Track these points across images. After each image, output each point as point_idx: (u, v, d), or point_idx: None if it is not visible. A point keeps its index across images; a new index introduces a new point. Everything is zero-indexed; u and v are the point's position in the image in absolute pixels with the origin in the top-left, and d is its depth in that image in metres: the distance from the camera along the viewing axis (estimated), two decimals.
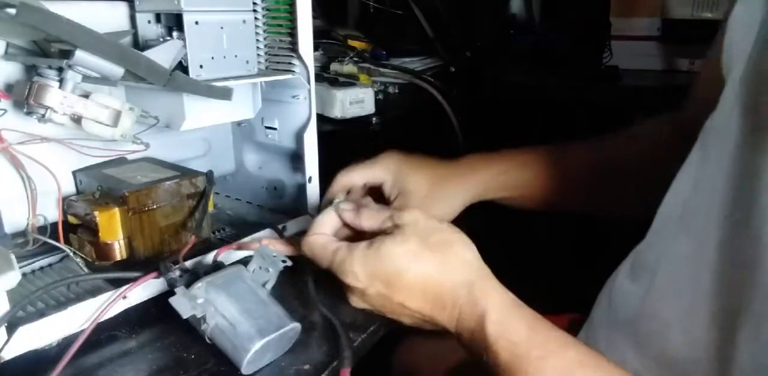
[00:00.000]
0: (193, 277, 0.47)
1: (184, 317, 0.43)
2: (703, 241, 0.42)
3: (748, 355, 0.38)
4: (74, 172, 0.57)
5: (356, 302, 0.47)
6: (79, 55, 0.45)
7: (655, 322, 0.47)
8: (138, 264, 0.53)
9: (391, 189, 0.62)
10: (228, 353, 0.44)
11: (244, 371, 0.44)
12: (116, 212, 0.51)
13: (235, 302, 0.46)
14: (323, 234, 0.49)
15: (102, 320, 0.46)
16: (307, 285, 0.54)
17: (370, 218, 0.48)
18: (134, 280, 0.48)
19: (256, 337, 0.43)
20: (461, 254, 0.45)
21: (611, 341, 0.53)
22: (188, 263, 0.52)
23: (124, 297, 0.48)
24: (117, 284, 0.49)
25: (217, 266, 0.50)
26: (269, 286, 0.50)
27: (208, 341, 0.45)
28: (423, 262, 0.43)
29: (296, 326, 0.47)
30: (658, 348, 0.46)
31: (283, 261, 0.50)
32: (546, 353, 0.39)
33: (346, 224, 0.50)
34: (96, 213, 0.50)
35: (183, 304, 0.44)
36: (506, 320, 0.41)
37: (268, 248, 0.51)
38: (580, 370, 0.39)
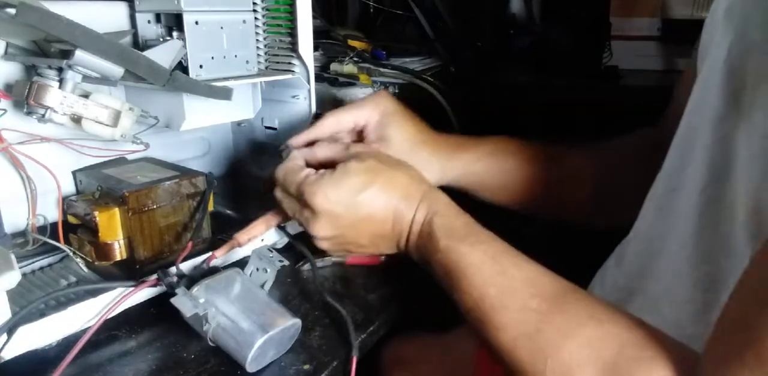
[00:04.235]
0: (190, 281, 0.47)
1: (187, 315, 0.43)
2: (684, 216, 0.45)
3: None
4: (74, 172, 0.57)
5: (321, 228, 0.49)
6: (79, 55, 0.45)
7: (644, 298, 0.49)
8: (138, 264, 0.53)
9: (372, 132, 0.58)
10: (231, 352, 0.44)
11: (248, 368, 0.44)
12: (116, 212, 0.51)
13: (235, 302, 0.46)
14: (296, 164, 0.53)
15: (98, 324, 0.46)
16: (313, 275, 0.56)
17: (325, 149, 0.54)
18: (134, 286, 0.48)
19: (258, 332, 0.44)
20: (412, 170, 0.52)
21: None
22: (187, 267, 0.52)
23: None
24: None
25: (213, 271, 0.50)
26: (267, 286, 0.50)
27: (210, 343, 0.45)
28: (384, 174, 0.50)
29: (297, 322, 0.47)
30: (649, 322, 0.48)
31: (280, 261, 0.50)
32: (478, 241, 0.46)
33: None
34: (96, 213, 0.50)
35: (185, 303, 0.44)
36: (451, 214, 0.49)
37: (264, 249, 0.51)
38: (506, 254, 0.45)
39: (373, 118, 0.58)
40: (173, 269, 0.49)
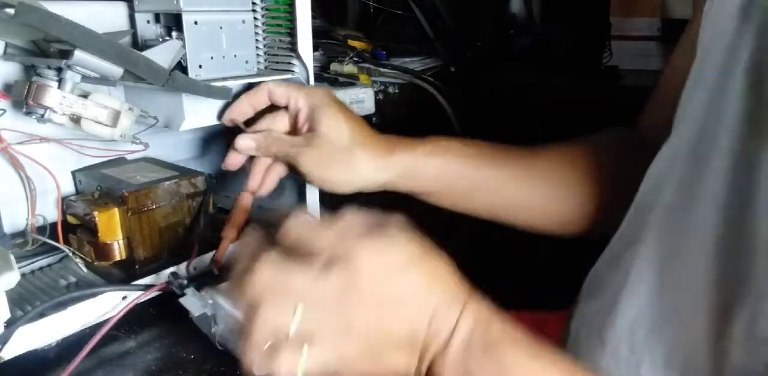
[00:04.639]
0: (198, 284, 0.47)
1: (196, 315, 0.43)
2: (700, 235, 0.43)
3: (742, 350, 0.39)
4: (73, 173, 0.57)
5: (345, 289, 0.35)
6: (78, 55, 0.44)
7: (652, 321, 0.47)
8: (137, 264, 0.53)
9: (304, 123, 0.54)
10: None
11: None
12: (115, 212, 0.51)
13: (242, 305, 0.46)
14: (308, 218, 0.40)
15: (107, 325, 0.46)
16: None
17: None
18: (143, 289, 0.48)
19: None
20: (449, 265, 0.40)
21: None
22: (191, 268, 0.52)
23: (124, 298, 0.48)
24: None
25: (219, 274, 0.50)
26: None
27: (218, 346, 0.45)
28: (430, 260, 0.39)
29: None
30: (656, 346, 0.46)
31: None
32: (541, 356, 0.37)
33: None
34: (95, 213, 0.50)
35: (194, 303, 0.44)
36: (498, 322, 0.38)
37: None
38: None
39: (304, 107, 0.54)
40: (183, 272, 0.49)
